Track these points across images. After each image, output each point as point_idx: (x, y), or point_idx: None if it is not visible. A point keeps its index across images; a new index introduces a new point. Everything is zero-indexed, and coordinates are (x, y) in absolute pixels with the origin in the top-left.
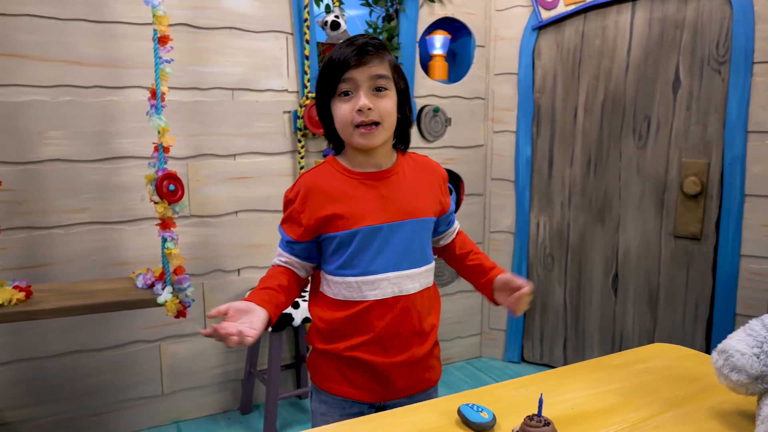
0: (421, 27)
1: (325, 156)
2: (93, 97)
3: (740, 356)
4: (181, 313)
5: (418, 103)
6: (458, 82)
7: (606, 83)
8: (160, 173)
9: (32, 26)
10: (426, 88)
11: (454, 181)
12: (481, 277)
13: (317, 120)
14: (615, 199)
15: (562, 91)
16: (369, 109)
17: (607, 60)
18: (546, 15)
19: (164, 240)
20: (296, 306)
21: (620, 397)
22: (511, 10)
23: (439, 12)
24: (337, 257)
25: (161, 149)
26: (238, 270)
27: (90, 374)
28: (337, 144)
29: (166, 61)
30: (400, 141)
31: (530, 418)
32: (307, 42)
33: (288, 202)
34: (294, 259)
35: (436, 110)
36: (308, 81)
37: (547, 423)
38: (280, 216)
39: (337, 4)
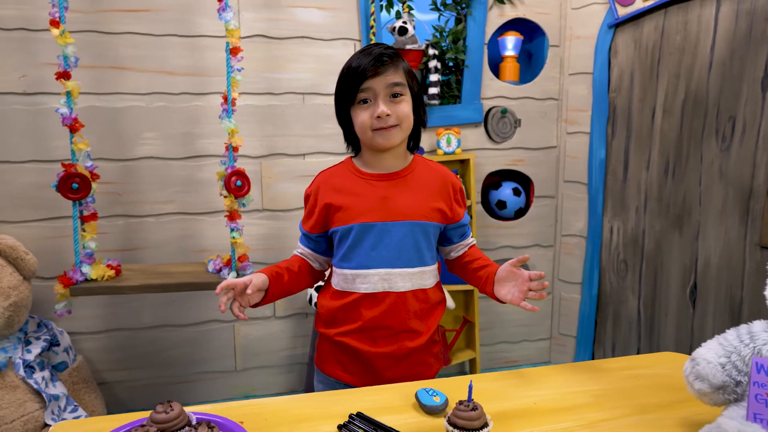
0: (491, 29)
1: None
2: (181, 103)
3: (706, 365)
4: None
5: (485, 104)
6: (529, 83)
7: (687, 82)
8: (229, 170)
9: (133, 42)
10: (494, 90)
11: (524, 182)
12: (483, 274)
13: None
14: (695, 206)
15: (640, 91)
16: (387, 115)
17: (689, 57)
18: (623, 12)
19: (231, 230)
20: None
21: (591, 398)
22: (587, 8)
23: (510, 13)
24: (338, 250)
25: (231, 149)
26: None
27: (173, 347)
28: (355, 146)
29: (237, 70)
30: (412, 141)
31: (461, 402)
32: None
33: (306, 198)
34: (308, 250)
35: (504, 111)
36: None
37: (475, 408)
38: None
39: (406, 10)
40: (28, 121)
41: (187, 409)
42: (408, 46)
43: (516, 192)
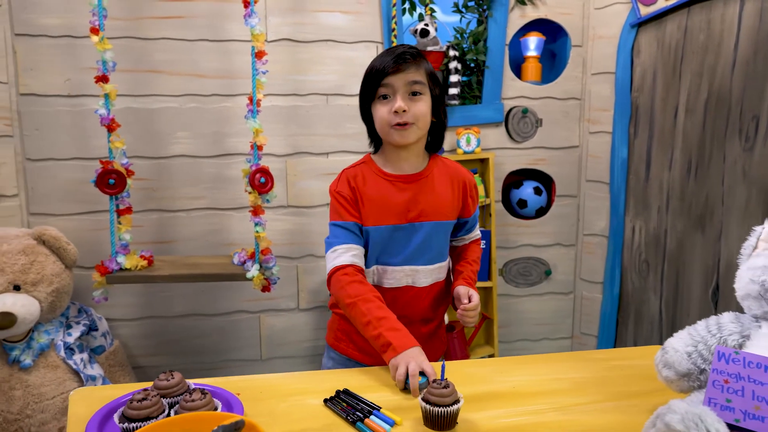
0: (512, 30)
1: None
2: (211, 104)
3: (674, 353)
4: (266, 288)
5: (506, 104)
6: (551, 83)
7: (710, 81)
8: (253, 167)
9: (167, 47)
10: (515, 90)
11: (545, 182)
12: (453, 278)
13: None
14: (717, 206)
15: (662, 90)
16: (404, 111)
17: (712, 56)
18: (645, 11)
19: (255, 225)
20: None
21: (569, 385)
22: (610, 7)
23: (531, 14)
24: (366, 247)
25: (255, 147)
26: None
27: (202, 335)
28: (376, 143)
29: (262, 72)
30: (434, 143)
31: (434, 381)
32: None
33: (338, 194)
34: (359, 248)
35: (525, 111)
36: None
37: (447, 386)
38: None
39: (429, 12)
40: (71, 121)
41: (190, 381)
42: (429, 48)
43: (537, 191)
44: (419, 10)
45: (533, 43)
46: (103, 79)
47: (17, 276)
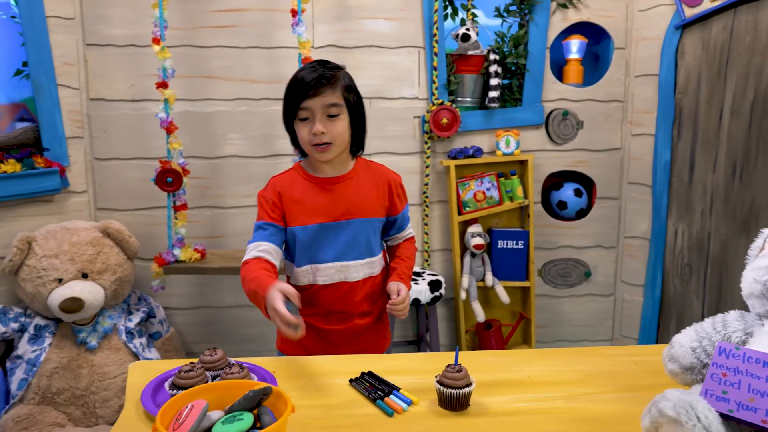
0: (553, 33)
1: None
2: (261, 107)
3: (679, 347)
4: None
5: (546, 107)
6: (593, 85)
7: (756, 82)
8: None
9: (221, 54)
10: (556, 93)
11: (586, 184)
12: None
13: (442, 124)
14: (762, 210)
15: (707, 92)
16: (322, 133)
17: (759, 57)
18: (690, 12)
19: None
20: None
21: (581, 376)
22: (653, 9)
23: (573, 18)
24: (297, 249)
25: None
26: None
27: (250, 325)
28: (303, 151)
29: None
30: (356, 146)
31: (449, 365)
32: (436, 54)
33: (262, 198)
34: (270, 245)
35: (566, 113)
36: (436, 89)
37: (460, 370)
38: (409, 209)
39: (470, 17)
40: (134, 124)
41: (232, 359)
42: (470, 52)
43: (577, 193)
44: (461, 15)
45: (575, 45)
46: (162, 85)
47: (85, 265)
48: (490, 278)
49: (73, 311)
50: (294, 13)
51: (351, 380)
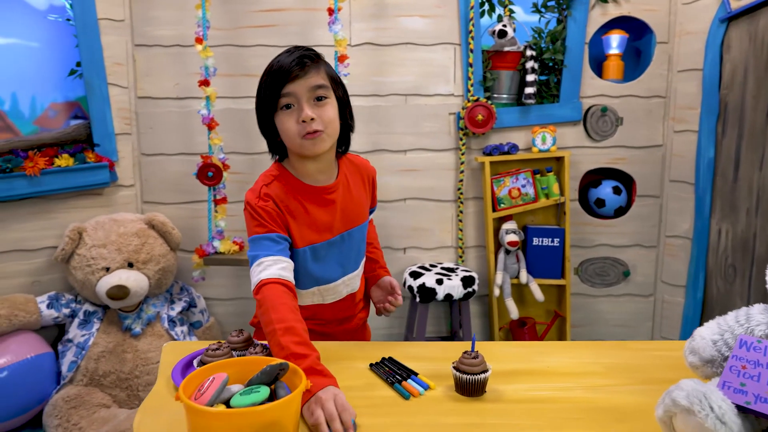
0: (592, 28)
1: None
2: None
3: (700, 340)
4: None
5: (585, 103)
6: (634, 81)
7: None
8: None
9: (261, 53)
10: (595, 89)
11: (625, 181)
12: (369, 270)
13: (477, 120)
14: None
15: (754, 87)
16: (312, 119)
17: None
18: (736, 5)
19: None
20: (440, 282)
21: (602, 368)
22: (698, 2)
23: (613, 12)
24: (301, 271)
25: None
26: (404, 248)
27: None
28: (281, 153)
29: (344, 75)
30: (342, 145)
31: (465, 352)
32: (471, 51)
33: (258, 208)
34: (285, 259)
35: (604, 110)
36: (471, 86)
37: (476, 357)
38: (444, 204)
39: (507, 13)
40: (178, 121)
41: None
42: (506, 48)
43: (616, 190)
44: (498, 11)
45: (615, 40)
46: (204, 83)
47: (131, 255)
48: (524, 275)
49: (119, 298)
50: (330, 11)
51: (371, 365)
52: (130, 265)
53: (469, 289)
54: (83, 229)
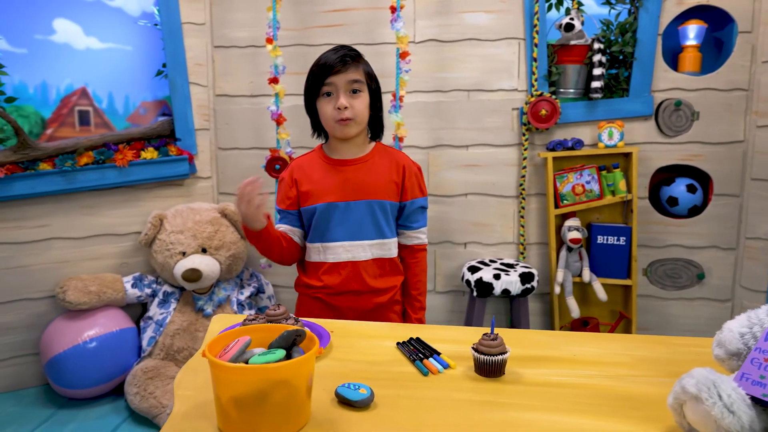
0: (666, 19)
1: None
2: None
3: (728, 332)
4: None
5: (657, 97)
6: (712, 74)
7: None
8: None
9: None
10: (668, 82)
11: (701, 179)
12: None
13: (540, 115)
14: None
15: None
16: (345, 107)
17: None
18: None
19: None
20: (497, 277)
21: (629, 359)
22: None
23: (690, 1)
24: (310, 227)
25: (397, 139)
26: (465, 243)
27: None
28: (324, 134)
29: (405, 71)
30: (375, 131)
31: (485, 334)
32: (536, 46)
33: (281, 180)
34: (286, 226)
35: (678, 104)
36: (536, 81)
37: (495, 338)
38: (505, 200)
39: (575, 6)
40: (251, 117)
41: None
42: (573, 42)
43: (691, 189)
44: (566, 4)
45: (692, 31)
46: (274, 80)
47: (205, 241)
48: (587, 274)
49: (192, 280)
50: (393, 9)
51: (398, 343)
52: (204, 251)
53: (528, 285)
54: (164, 217)
